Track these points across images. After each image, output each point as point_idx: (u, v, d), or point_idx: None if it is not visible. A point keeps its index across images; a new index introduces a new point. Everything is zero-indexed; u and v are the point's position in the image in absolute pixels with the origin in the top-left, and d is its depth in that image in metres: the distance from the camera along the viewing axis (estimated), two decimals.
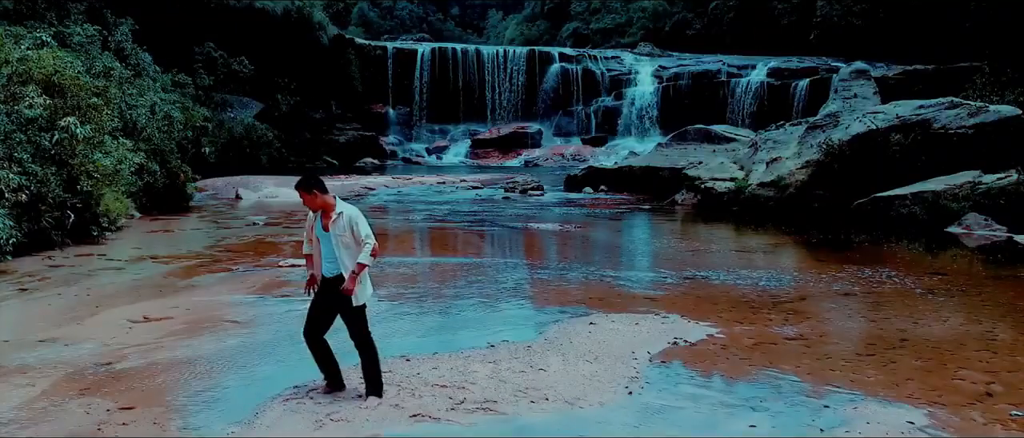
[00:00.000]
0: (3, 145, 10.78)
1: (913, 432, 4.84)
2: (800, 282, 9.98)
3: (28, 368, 6.11)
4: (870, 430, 4.85)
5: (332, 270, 5.18)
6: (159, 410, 5.20)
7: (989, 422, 5.09)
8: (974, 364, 6.36)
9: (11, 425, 4.94)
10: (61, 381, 5.82)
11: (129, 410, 5.20)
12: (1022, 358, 6.55)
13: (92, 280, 9.76)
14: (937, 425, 4.99)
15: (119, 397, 5.45)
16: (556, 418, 5.09)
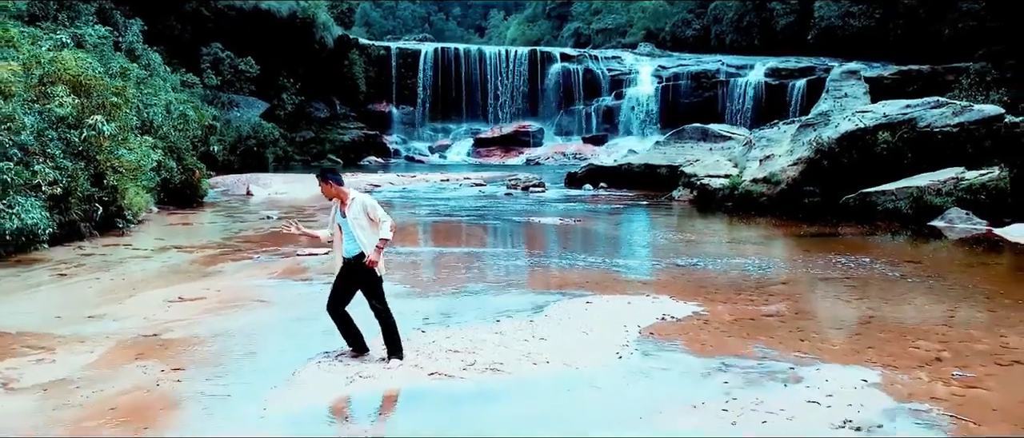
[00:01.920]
0: (37, 141, 11.57)
1: (863, 387, 5.62)
2: (784, 269, 10.77)
3: (84, 338, 6.90)
4: (827, 386, 5.63)
5: (352, 251, 5.97)
6: (208, 370, 5.99)
7: (932, 380, 5.87)
8: (931, 337, 7.14)
9: (81, 381, 5.73)
10: (115, 348, 6.60)
11: (180, 370, 5.98)
12: (975, 332, 7.32)
13: (124, 267, 10.56)
14: (885, 382, 5.77)
15: (169, 361, 6.23)
16: (554, 377, 5.87)
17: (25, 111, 11.44)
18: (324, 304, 6.25)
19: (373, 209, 5.90)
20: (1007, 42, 29.42)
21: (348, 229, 5.94)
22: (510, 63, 41.74)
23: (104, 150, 12.87)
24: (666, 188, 21.02)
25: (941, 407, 5.30)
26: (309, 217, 16.29)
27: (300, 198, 20.17)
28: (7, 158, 10.75)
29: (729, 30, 45.77)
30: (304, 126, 38.72)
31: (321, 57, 39.04)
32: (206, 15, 35.26)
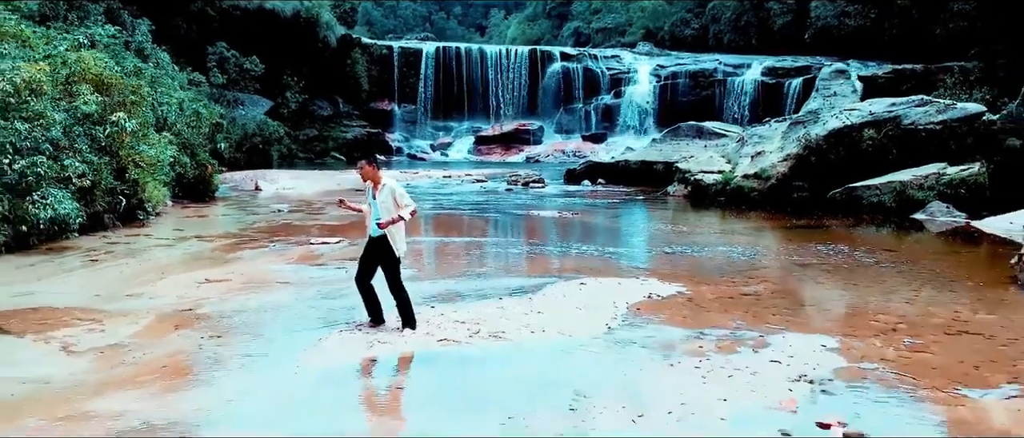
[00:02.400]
0: (66, 137, 12.36)
1: (822, 351, 6.42)
2: (766, 256, 11.56)
3: (126, 312, 7.69)
4: (790, 350, 6.42)
5: (376, 231, 6.76)
6: (243, 337, 6.79)
7: (885, 346, 6.67)
8: (891, 312, 7.93)
9: (131, 346, 6.52)
10: (156, 321, 7.40)
11: (218, 337, 6.78)
12: (932, 309, 8.11)
13: (150, 253, 11.36)
14: (842, 347, 6.57)
15: (207, 330, 7.02)
16: (550, 343, 6.67)
17: (53, 108, 12.23)
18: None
19: (401, 195, 6.71)
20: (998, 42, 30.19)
21: (376, 211, 6.73)
22: (511, 62, 42.51)
23: (126, 145, 13.66)
24: (662, 184, 21.80)
25: (888, 366, 6.10)
26: (318, 210, 17.10)
27: (307, 193, 20.96)
28: (40, 152, 11.54)
29: (727, 30, 46.53)
30: (308, 124, 39.43)
31: (324, 56, 39.76)
32: (211, 15, 35.96)
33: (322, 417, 4.98)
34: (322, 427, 4.82)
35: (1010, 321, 7.60)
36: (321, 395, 5.40)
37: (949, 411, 5.16)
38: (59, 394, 5.37)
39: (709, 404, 5.14)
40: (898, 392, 5.51)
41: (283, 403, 5.23)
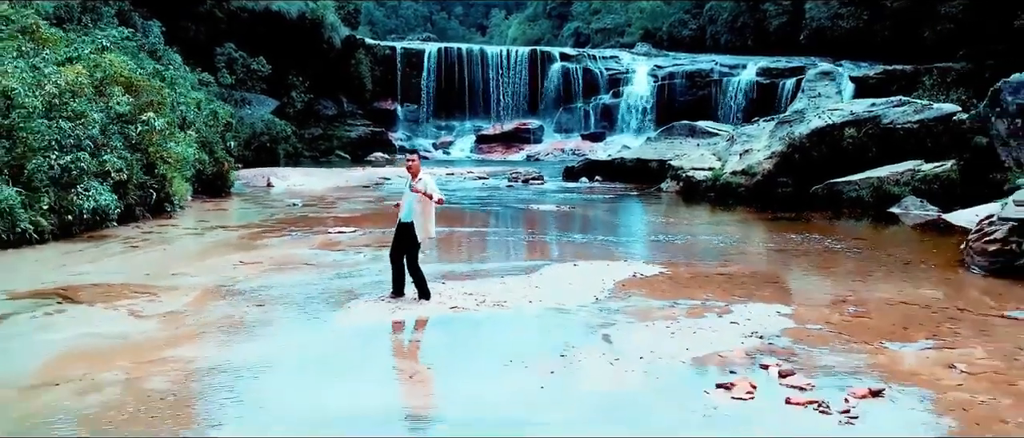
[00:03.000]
0: (103, 135, 13.56)
1: (776, 316, 7.62)
2: (745, 244, 12.77)
3: (176, 287, 8.90)
4: (748, 315, 7.62)
5: (406, 217, 7.97)
6: (282, 305, 7.99)
7: (831, 313, 7.87)
8: (845, 288, 9.13)
9: (187, 312, 7.72)
10: (203, 293, 8.60)
11: (260, 306, 7.98)
12: (882, 285, 9.32)
13: (183, 241, 12.57)
14: (794, 314, 7.77)
15: (249, 300, 8.22)
16: (545, 309, 7.87)
17: (92, 109, 13.44)
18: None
19: (434, 189, 7.91)
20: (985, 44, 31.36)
21: (408, 200, 7.93)
22: (511, 62, 43.70)
23: (155, 143, 14.86)
24: (656, 181, 22.97)
25: (829, 327, 7.31)
26: (330, 204, 18.29)
27: (317, 189, 22.15)
28: (81, 149, 12.75)
29: (724, 30, 47.71)
30: (312, 123, 40.60)
31: (329, 57, 40.94)
32: (219, 16, 37.13)
33: (359, 359, 6.19)
34: (359, 364, 6.03)
35: (946, 295, 8.81)
36: (356, 345, 6.62)
37: (870, 357, 6.36)
38: (139, 345, 6.58)
39: (674, 352, 6.35)
40: (832, 345, 6.71)
41: (326, 351, 6.44)
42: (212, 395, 5.36)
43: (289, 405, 5.20)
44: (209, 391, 5.43)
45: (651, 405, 5.26)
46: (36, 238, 11.54)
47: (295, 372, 5.93)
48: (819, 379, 5.70)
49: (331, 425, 4.86)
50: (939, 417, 5.05)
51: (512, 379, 5.73)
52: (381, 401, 5.39)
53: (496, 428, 4.87)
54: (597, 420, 4.98)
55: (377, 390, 5.61)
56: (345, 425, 4.86)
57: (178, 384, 5.55)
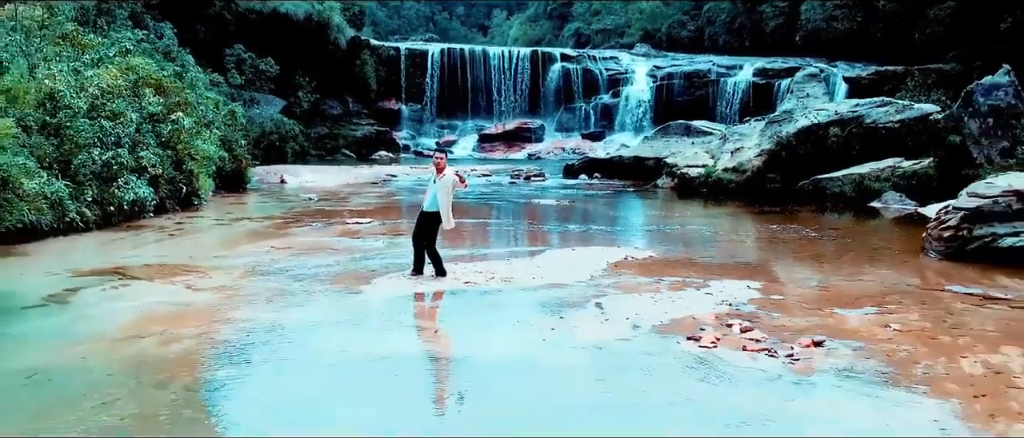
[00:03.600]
0: (137, 133, 14.82)
1: (746, 289, 8.87)
2: (730, 232, 14.02)
3: (219, 267, 10.15)
4: (722, 288, 8.86)
5: (431, 207, 9.23)
6: (318, 281, 9.24)
7: (794, 288, 9.12)
8: (812, 269, 10.39)
9: (236, 286, 8.96)
10: (244, 272, 9.84)
11: (299, 282, 9.23)
12: (845, 266, 10.57)
13: (214, 231, 13.83)
14: (762, 288, 9.02)
15: (288, 278, 9.47)
16: (546, 283, 9.12)
17: (129, 108, 14.70)
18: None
19: (456, 183, 9.17)
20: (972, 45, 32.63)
21: (433, 191, 9.18)
22: (513, 63, 44.97)
23: (183, 141, 16.12)
24: (652, 178, 24.21)
25: (791, 298, 8.56)
26: (344, 199, 19.53)
27: (328, 185, 23.40)
28: (120, 146, 14.01)
29: (722, 32, 48.98)
30: (319, 122, 41.85)
31: (335, 57, 42.20)
32: (228, 18, 38.39)
33: (389, 319, 7.45)
34: (390, 323, 7.28)
35: (901, 275, 10.06)
36: (385, 310, 7.88)
37: (820, 320, 7.60)
38: (202, 310, 7.83)
39: (655, 315, 7.60)
40: (790, 311, 7.95)
41: (360, 313, 7.70)
42: (276, 342, 6.62)
43: (338, 349, 6.45)
44: (272, 340, 6.68)
45: (633, 350, 6.50)
46: (82, 227, 12.81)
47: (338, 328, 7.18)
48: (774, 335, 6.94)
49: (374, 363, 6.11)
50: (864, 360, 6.29)
51: (519, 334, 6.98)
52: (412, 348, 6.65)
53: (509, 365, 6.12)
54: (590, 360, 6.23)
55: (408, 340, 6.87)
56: (385, 363, 6.11)
57: (244, 335, 6.81)
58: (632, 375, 5.92)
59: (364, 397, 5.47)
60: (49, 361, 6.28)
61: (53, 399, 5.44)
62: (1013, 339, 6.94)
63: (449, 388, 5.80)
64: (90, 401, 5.33)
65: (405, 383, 5.78)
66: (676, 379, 5.82)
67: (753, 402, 5.29)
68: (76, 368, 6.12)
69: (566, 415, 5.15)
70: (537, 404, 5.36)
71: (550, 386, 5.71)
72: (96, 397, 5.40)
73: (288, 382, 5.76)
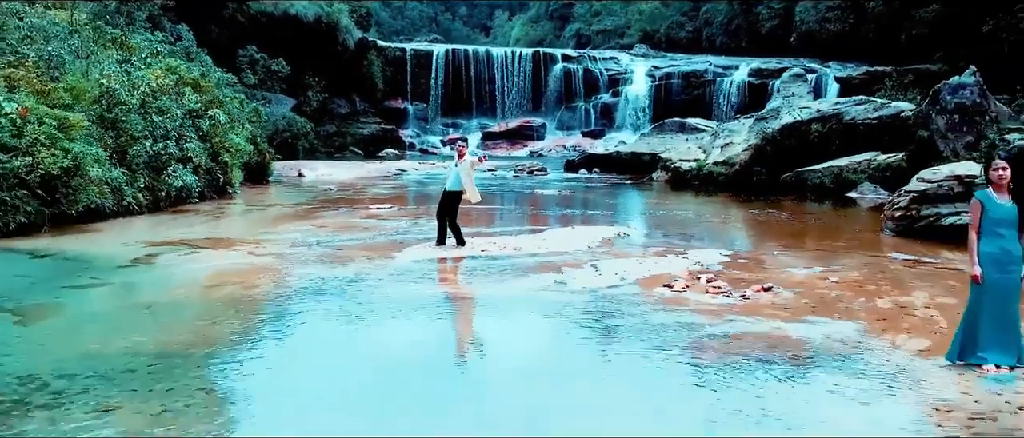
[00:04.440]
0: (181, 127, 16.65)
1: (719, 256, 10.68)
2: (714, 217, 15.83)
3: (269, 240, 11.97)
4: (698, 254, 10.68)
5: (454, 186, 11.04)
6: (356, 250, 11.07)
7: (760, 255, 10.93)
8: (779, 243, 12.20)
9: (288, 254, 10.77)
10: (292, 244, 11.66)
11: (339, 250, 11.06)
12: (810, 241, 12.39)
13: (253, 214, 15.66)
14: (732, 254, 10.84)
15: (331, 248, 11.28)
16: (549, 251, 10.95)
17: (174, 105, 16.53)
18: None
19: (472, 165, 11.00)
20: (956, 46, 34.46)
21: (455, 172, 11.00)
22: (515, 63, 46.83)
23: (218, 135, 17.95)
24: (648, 172, 26.02)
25: (754, 262, 10.38)
26: (361, 190, 21.36)
27: (344, 178, 25.23)
28: (167, 138, 15.84)
29: (719, 32, 50.81)
30: (327, 121, 43.67)
31: (343, 58, 44.03)
32: (241, 20, 40.24)
33: (420, 275, 9.27)
34: (421, 277, 9.11)
35: (854, 246, 11.88)
36: (416, 269, 9.70)
37: (774, 275, 9.41)
38: (268, 268, 9.65)
39: (639, 271, 9.42)
40: (751, 270, 9.77)
41: (396, 271, 9.52)
42: (334, 287, 8.45)
43: (383, 294, 8.27)
44: (330, 286, 8.51)
45: (618, 293, 8.32)
46: (136, 210, 14.66)
47: (380, 280, 8.99)
48: (733, 285, 8.75)
49: (412, 302, 7.92)
50: (799, 299, 8.10)
51: (526, 284, 8.81)
52: (441, 292, 8.48)
53: (520, 300, 7.95)
54: (585, 300, 8.04)
55: (437, 288, 8.71)
56: (421, 302, 7.93)
57: (309, 283, 8.65)
58: (615, 304, 7.74)
59: (412, 317, 7.27)
60: (158, 299, 8.13)
61: (173, 321, 7.27)
62: (924, 288, 8.76)
63: (475, 311, 7.62)
64: (203, 321, 7.16)
65: (440, 308, 7.61)
66: (649, 307, 7.64)
67: (703, 320, 7.12)
68: (182, 303, 7.96)
69: (564, 322, 6.98)
70: (542, 318, 7.18)
71: (552, 309, 7.52)
72: (206, 319, 7.23)
73: (349, 307, 7.59)
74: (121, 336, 6.67)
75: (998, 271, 5.67)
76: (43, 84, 13.68)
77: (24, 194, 12.07)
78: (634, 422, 4.81)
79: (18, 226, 11.87)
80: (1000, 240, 5.68)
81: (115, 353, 6.11)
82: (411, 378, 5.65)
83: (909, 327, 7.05)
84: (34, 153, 12.10)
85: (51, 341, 6.66)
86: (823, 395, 5.23)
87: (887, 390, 5.33)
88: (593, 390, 5.44)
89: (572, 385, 5.56)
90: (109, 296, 8.41)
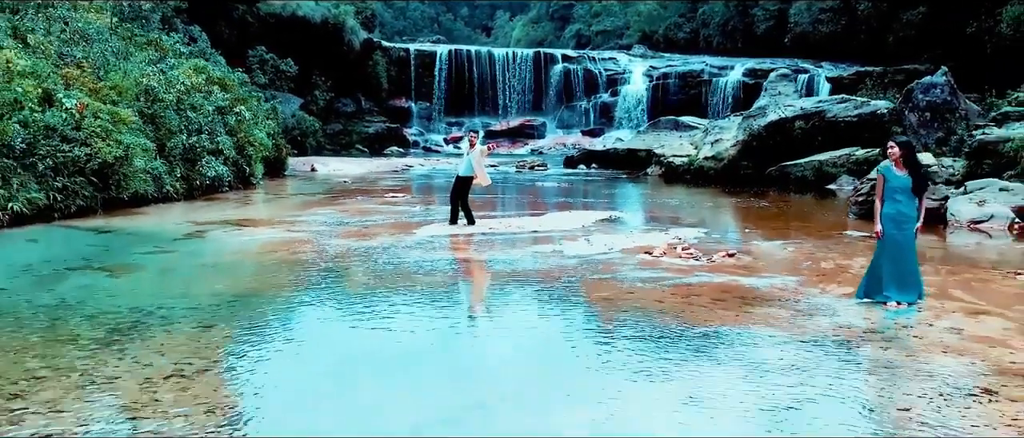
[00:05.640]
0: (211, 123, 18.34)
1: (697, 232, 12.37)
2: (698, 204, 17.53)
3: (301, 221, 13.65)
4: (679, 232, 12.36)
5: (465, 172, 12.73)
6: (380, 227, 12.76)
7: (733, 234, 12.62)
8: (753, 224, 13.89)
9: (322, 231, 12.46)
10: (324, 224, 13.34)
11: (365, 228, 12.75)
12: (780, 223, 14.07)
13: (279, 201, 17.36)
14: (707, 232, 12.53)
15: (357, 226, 12.97)
16: (548, 229, 12.64)
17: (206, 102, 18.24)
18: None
19: (483, 153, 12.68)
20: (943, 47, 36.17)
21: (467, 159, 12.70)
22: (517, 63, 48.57)
23: (244, 130, 19.66)
24: (644, 167, 27.72)
25: (727, 237, 12.06)
26: (373, 183, 23.05)
27: (355, 172, 26.92)
28: (201, 133, 17.54)
29: (716, 33, 52.52)
30: (333, 119, 45.39)
31: (349, 58, 45.76)
32: (251, 21, 41.97)
33: (437, 246, 10.98)
34: (438, 249, 10.81)
35: (818, 227, 13.57)
36: (433, 242, 11.40)
37: (742, 246, 11.09)
38: (308, 240, 11.32)
39: (625, 243, 11.12)
40: (722, 243, 11.45)
41: (416, 242, 11.22)
42: (366, 252, 10.15)
43: (409, 256, 9.95)
44: (363, 252, 10.21)
45: (606, 257, 10.02)
46: (174, 197, 16.36)
47: (405, 248, 10.67)
48: (704, 253, 10.44)
49: (434, 260, 9.61)
50: (757, 262, 9.79)
51: (529, 252, 10.51)
52: (456, 256, 10.18)
53: (522, 261, 9.64)
54: (576, 261, 9.73)
55: (451, 256, 10.40)
56: (440, 263, 9.62)
57: (344, 250, 10.34)
58: (603, 265, 9.44)
59: (433, 271, 8.96)
60: (219, 261, 9.85)
61: (238, 275, 8.97)
62: (866, 254, 10.41)
63: (486, 267, 9.32)
64: (263, 275, 8.87)
65: (457, 265, 9.31)
66: (630, 267, 9.34)
67: (673, 275, 8.82)
68: (239, 264, 9.67)
69: (559, 275, 8.68)
70: (539, 270, 8.87)
71: (548, 265, 9.22)
72: (265, 274, 8.94)
73: (381, 264, 9.29)
74: (200, 284, 8.37)
75: (895, 228, 7.37)
76: (94, 83, 15.37)
77: (82, 181, 13.77)
78: (608, 325, 6.51)
79: (77, 209, 13.57)
80: (897, 204, 7.38)
81: (200, 294, 7.81)
82: (439, 300, 7.34)
83: (842, 281, 8.73)
84: (91, 144, 13.80)
85: (144, 288, 8.36)
86: (759, 317, 6.92)
87: (808, 316, 7.02)
88: (577, 312, 7.14)
89: (561, 305, 7.26)
90: (177, 259, 10.12)
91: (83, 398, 4.81)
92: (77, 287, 8.17)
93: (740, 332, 6.41)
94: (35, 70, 13.97)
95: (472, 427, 4.43)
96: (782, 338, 6.25)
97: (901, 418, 4.58)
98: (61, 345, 5.99)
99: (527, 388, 5.14)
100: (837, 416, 4.56)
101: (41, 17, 17.10)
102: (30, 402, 4.70)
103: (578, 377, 5.32)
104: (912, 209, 7.41)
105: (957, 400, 4.87)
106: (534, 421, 4.50)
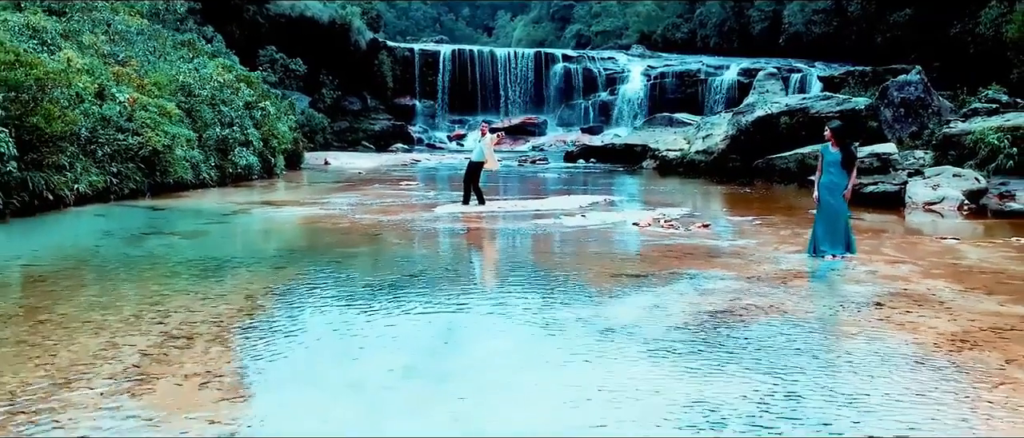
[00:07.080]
0: (240, 117, 20.22)
1: (677, 211, 14.24)
2: (686, 191, 19.40)
3: (330, 202, 15.52)
4: (664, 211, 14.23)
5: (477, 157, 14.61)
6: (400, 208, 14.64)
7: (712, 213, 14.50)
8: (732, 205, 15.76)
9: (351, 211, 14.33)
10: (349, 205, 15.20)
11: (386, 208, 14.62)
12: (757, 204, 15.93)
13: (305, 187, 19.24)
14: (690, 211, 14.40)
15: (379, 205, 14.83)
16: (550, 208, 14.52)
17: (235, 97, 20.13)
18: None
19: (492, 142, 14.56)
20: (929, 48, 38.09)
21: (479, 147, 14.58)
22: (518, 63, 50.48)
23: (268, 123, 21.54)
24: (639, 161, 29.62)
25: (706, 214, 13.94)
26: (384, 174, 24.93)
27: (367, 166, 28.80)
28: (232, 126, 19.42)
29: (713, 34, 54.42)
30: (340, 117, 47.27)
31: (355, 58, 47.64)
32: (261, 21, 43.85)
33: (454, 220, 12.87)
34: (455, 221, 12.71)
35: (791, 208, 15.45)
36: (448, 216, 13.29)
37: (721, 220, 12.96)
38: (342, 215, 13.19)
39: (617, 218, 13.00)
40: (702, 217, 13.32)
41: (436, 218, 13.11)
42: (394, 224, 12.03)
43: (430, 227, 11.83)
44: (395, 224, 12.09)
45: (599, 228, 11.90)
46: (209, 184, 18.24)
47: (426, 221, 12.56)
48: (683, 225, 12.30)
49: (452, 229, 11.48)
50: (727, 230, 11.66)
51: (533, 225, 12.39)
52: (472, 226, 12.08)
53: (526, 229, 11.52)
54: (573, 230, 11.60)
55: (468, 224, 12.29)
56: (459, 229, 11.50)
57: (378, 223, 12.23)
58: (596, 233, 11.33)
59: (455, 233, 10.83)
60: (269, 228, 11.76)
61: (288, 238, 10.87)
62: None
63: (496, 232, 11.21)
64: (312, 237, 10.76)
65: (473, 231, 11.20)
66: (618, 234, 11.22)
67: (655, 238, 10.69)
68: (290, 231, 11.58)
69: (560, 237, 10.55)
70: (541, 233, 10.75)
71: (551, 233, 11.09)
72: (313, 237, 10.83)
73: (409, 231, 11.16)
74: (261, 244, 10.27)
75: (829, 194, 9.26)
76: (140, 79, 17.25)
77: (133, 167, 15.66)
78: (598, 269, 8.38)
79: (128, 192, 15.46)
80: (831, 176, 9.29)
81: (265, 249, 9.70)
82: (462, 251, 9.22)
83: (795, 244, 10.61)
84: (142, 133, 15.68)
85: (216, 245, 10.24)
86: (717, 265, 8.79)
87: (757, 264, 8.89)
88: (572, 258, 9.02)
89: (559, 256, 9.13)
90: (234, 228, 12.01)
91: (207, 306, 6.67)
92: (159, 245, 10.06)
93: (699, 273, 8.29)
94: (91, 68, 15.84)
95: (501, 310, 6.31)
96: (731, 276, 8.12)
97: (805, 315, 6.45)
98: (170, 278, 7.87)
99: (532, 293, 7.02)
100: (758, 314, 6.43)
101: (86, 20, 18.97)
102: (169, 307, 6.57)
103: (574, 294, 7.20)
104: (843, 180, 9.30)
105: (851, 308, 6.75)
106: (554, 313, 6.39)
